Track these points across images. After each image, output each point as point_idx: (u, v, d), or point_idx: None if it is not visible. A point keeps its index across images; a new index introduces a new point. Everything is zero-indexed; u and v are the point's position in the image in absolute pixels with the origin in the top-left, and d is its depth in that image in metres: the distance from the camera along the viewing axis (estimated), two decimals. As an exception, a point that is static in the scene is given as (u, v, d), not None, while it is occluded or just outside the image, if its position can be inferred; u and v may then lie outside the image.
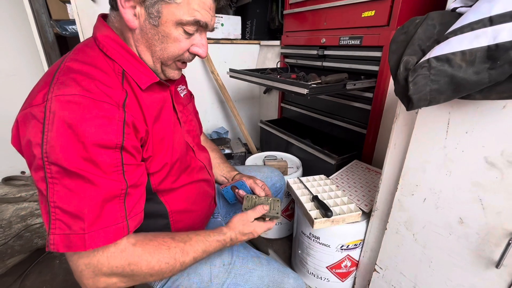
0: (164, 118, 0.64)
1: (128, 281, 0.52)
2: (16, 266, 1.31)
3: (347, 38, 1.30)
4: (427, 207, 0.74)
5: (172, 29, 0.55)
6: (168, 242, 0.56)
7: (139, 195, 0.54)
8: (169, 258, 0.54)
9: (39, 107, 0.44)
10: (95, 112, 0.46)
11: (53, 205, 0.45)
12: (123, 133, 0.49)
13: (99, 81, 0.50)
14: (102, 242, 0.47)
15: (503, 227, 0.59)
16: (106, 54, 0.55)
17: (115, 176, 0.49)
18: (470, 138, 0.62)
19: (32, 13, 1.52)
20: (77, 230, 0.45)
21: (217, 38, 2.00)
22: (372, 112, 1.26)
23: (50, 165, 0.44)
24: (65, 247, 0.45)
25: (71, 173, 0.45)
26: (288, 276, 0.78)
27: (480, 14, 0.46)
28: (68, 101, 0.45)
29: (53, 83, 0.47)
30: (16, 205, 1.80)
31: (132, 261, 0.50)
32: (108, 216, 0.48)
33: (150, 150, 0.58)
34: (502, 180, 0.58)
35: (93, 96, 0.47)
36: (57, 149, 0.43)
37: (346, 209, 0.94)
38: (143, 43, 0.57)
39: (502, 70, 0.45)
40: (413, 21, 0.61)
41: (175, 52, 0.59)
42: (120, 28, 0.58)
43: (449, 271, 0.73)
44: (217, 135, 2.16)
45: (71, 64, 0.50)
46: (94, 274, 0.48)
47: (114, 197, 0.49)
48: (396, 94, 0.60)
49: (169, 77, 0.64)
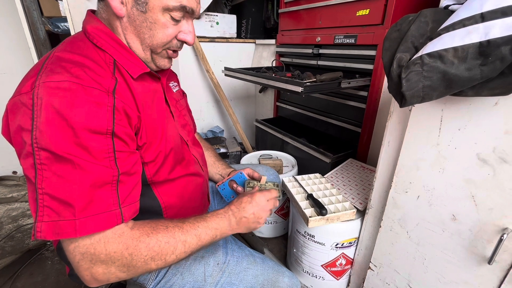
0: (156, 107, 0.64)
1: (128, 270, 0.50)
2: (7, 267, 1.29)
3: (342, 37, 1.30)
4: (421, 204, 0.75)
5: (159, 15, 0.56)
6: (166, 223, 0.55)
7: (133, 184, 0.53)
8: (168, 237, 0.53)
9: (27, 94, 0.44)
10: (84, 98, 0.46)
11: (41, 192, 0.44)
12: (113, 119, 0.49)
13: (89, 68, 0.50)
14: (94, 228, 0.46)
15: (495, 223, 0.60)
16: (96, 45, 0.55)
17: (106, 162, 0.48)
18: (463, 135, 0.62)
19: (23, 10, 1.49)
20: (67, 216, 0.44)
21: (212, 37, 1.99)
22: (367, 110, 1.26)
23: (40, 151, 0.43)
24: (53, 234, 0.44)
25: (60, 158, 0.44)
26: (283, 274, 0.78)
27: (472, 10, 0.46)
28: (57, 87, 0.45)
29: (41, 71, 0.47)
30: (7, 205, 1.76)
31: (130, 244, 0.49)
32: (99, 202, 0.47)
33: (144, 137, 0.58)
34: (494, 176, 0.58)
35: (82, 82, 0.47)
36: (46, 134, 0.43)
37: (341, 207, 0.94)
38: (132, 31, 0.57)
39: (494, 66, 0.45)
40: (406, 18, 0.61)
41: (164, 39, 0.59)
42: (107, 18, 0.58)
43: (442, 267, 0.73)
44: (212, 134, 2.15)
45: (60, 54, 0.51)
46: (91, 264, 0.46)
47: (105, 184, 0.48)
48: (390, 91, 0.60)
49: (160, 66, 0.64)
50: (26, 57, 1.74)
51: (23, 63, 1.83)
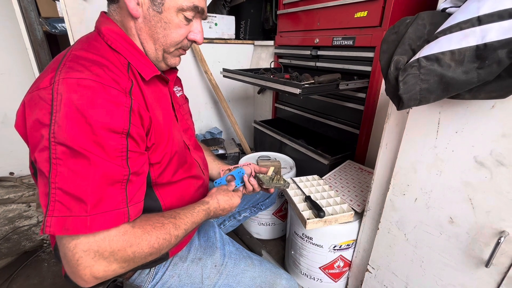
0: (164, 110, 0.65)
1: (128, 265, 0.51)
2: (3, 269, 1.27)
3: (340, 39, 1.30)
4: (418, 207, 0.75)
5: (174, 15, 0.58)
6: (161, 220, 0.57)
7: (140, 184, 0.54)
8: (165, 234, 0.55)
9: (46, 89, 0.45)
10: (104, 97, 0.47)
11: (54, 186, 0.44)
12: (130, 120, 0.50)
13: (108, 68, 0.51)
14: (104, 225, 0.46)
15: (492, 226, 0.60)
16: (111, 47, 0.57)
17: (119, 161, 0.49)
18: (460, 138, 0.62)
19: (20, 10, 1.48)
20: (79, 212, 0.44)
21: (210, 38, 1.99)
22: (365, 112, 1.26)
23: (56, 145, 0.44)
24: (62, 229, 0.44)
25: (76, 154, 0.44)
26: (280, 277, 0.77)
27: (469, 13, 0.46)
28: (77, 84, 0.46)
29: (60, 68, 0.48)
30: (4, 206, 1.75)
31: (133, 242, 0.50)
32: (110, 200, 0.47)
33: (153, 138, 0.59)
34: (491, 179, 0.58)
35: (102, 81, 0.48)
36: (64, 129, 0.44)
37: (339, 209, 0.94)
38: (146, 31, 0.59)
39: (491, 69, 0.45)
40: (403, 21, 0.61)
41: (177, 39, 0.62)
42: (120, 20, 0.59)
43: (440, 270, 0.73)
44: (210, 136, 2.15)
45: (78, 53, 0.52)
46: (93, 261, 0.46)
47: (116, 182, 0.48)
48: (387, 94, 0.60)
49: (171, 64, 0.67)
50: (23, 58, 1.73)
51: (20, 64, 1.82)
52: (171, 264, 0.71)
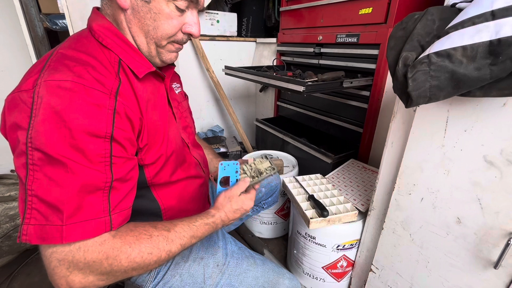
0: (159, 109, 0.63)
1: (107, 278, 0.48)
2: (4, 267, 1.27)
3: (344, 36, 1.28)
4: (425, 207, 0.73)
5: (163, 5, 0.54)
6: (150, 231, 0.52)
7: (126, 191, 0.51)
8: (151, 248, 0.50)
9: (28, 92, 0.44)
10: (84, 99, 0.45)
11: (30, 193, 0.42)
12: (113, 123, 0.48)
13: (92, 68, 0.48)
14: (81, 235, 0.44)
15: (501, 227, 0.58)
16: (102, 44, 0.54)
17: (101, 167, 0.46)
18: (469, 137, 0.60)
19: (20, 6, 1.47)
20: (55, 221, 0.42)
21: (212, 35, 1.97)
22: (369, 110, 1.25)
23: (33, 151, 0.42)
24: (38, 238, 0.42)
25: (53, 160, 0.42)
26: (283, 276, 0.77)
27: (482, 8, 0.44)
28: (58, 86, 0.44)
29: (44, 69, 0.46)
30: (5, 204, 1.74)
31: (110, 254, 0.46)
32: (89, 208, 0.45)
33: (145, 138, 0.57)
34: (501, 179, 0.57)
35: (84, 82, 0.46)
36: (42, 135, 0.42)
37: (342, 208, 0.93)
38: (136, 24, 0.56)
39: (504, 66, 0.44)
40: (411, 16, 0.59)
41: (168, 30, 0.58)
42: (112, 14, 0.57)
43: (446, 271, 0.72)
44: (212, 134, 2.13)
45: (64, 51, 0.50)
46: (68, 272, 0.44)
47: (97, 189, 0.46)
48: (395, 91, 0.59)
49: (166, 60, 0.63)
50: (24, 54, 1.72)
51: (20, 61, 1.81)
52: (172, 263, 0.70)
